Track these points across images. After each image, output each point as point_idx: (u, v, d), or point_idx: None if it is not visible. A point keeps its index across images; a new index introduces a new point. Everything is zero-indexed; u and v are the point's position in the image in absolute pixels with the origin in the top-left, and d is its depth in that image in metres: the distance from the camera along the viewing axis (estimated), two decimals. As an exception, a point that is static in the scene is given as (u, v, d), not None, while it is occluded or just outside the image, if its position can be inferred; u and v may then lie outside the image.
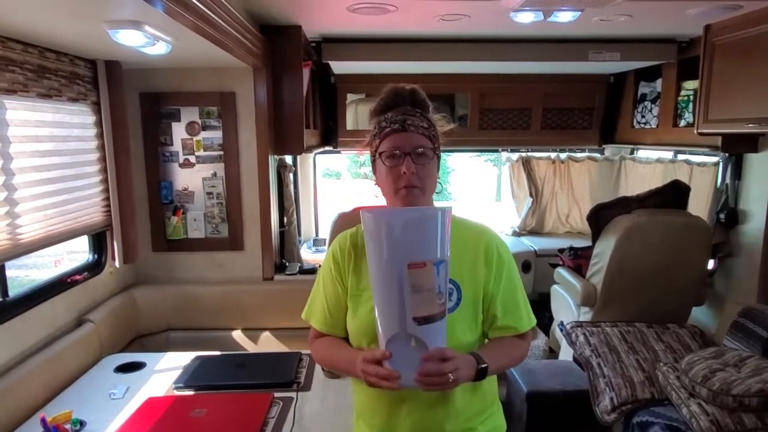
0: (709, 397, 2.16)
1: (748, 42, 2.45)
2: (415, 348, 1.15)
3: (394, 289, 1.14)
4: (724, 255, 3.02)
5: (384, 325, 1.18)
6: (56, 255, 6.03)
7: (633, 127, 3.92)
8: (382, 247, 1.15)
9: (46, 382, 2.15)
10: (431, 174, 1.32)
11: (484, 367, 1.24)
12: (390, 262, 1.14)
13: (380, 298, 1.18)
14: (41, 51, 2.19)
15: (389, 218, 1.15)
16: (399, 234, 1.14)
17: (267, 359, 2.48)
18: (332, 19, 2.78)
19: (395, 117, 1.32)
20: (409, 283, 1.13)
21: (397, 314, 1.15)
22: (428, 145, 1.31)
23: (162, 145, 3.08)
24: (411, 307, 1.13)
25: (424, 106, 1.37)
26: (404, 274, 1.13)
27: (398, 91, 1.36)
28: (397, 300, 1.14)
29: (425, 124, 1.32)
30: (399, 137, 1.30)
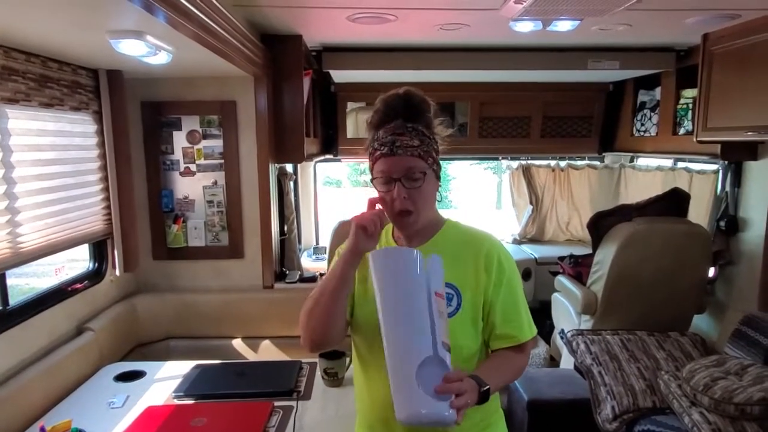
0: (710, 406, 2.15)
1: (746, 51, 2.47)
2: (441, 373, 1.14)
3: (426, 312, 1.17)
4: (725, 263, 3.02)
5: (415, 349, 1.15)
6: (57, 264, 6.03)
7: (632, 135, 3.93)
8: (412, 273, 1.19)
9: (46, 391, 2.14)
10: (425, 194, 1.30)
11: (487, 389, 1.22)
12: (422, 287, 1.18)
13: (411, 321, 1.17)
14: (44, 60, 2.21)
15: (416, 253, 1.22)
16: (427, 265, 1.21)
17: (267, 368, 2.47)
18: (332, 28, 2.80)
19: (385, 138, 1.27)
20: (436, 309, 1.18)
21: (430, 336, 1.15)
22: (419, 166, 1.27)
23: (163, 153, 3.09)
24: (441, 331, 1.17)
25: (419, 111, 1.31)
26: (433, 299, 1.18)
27: (390, 102, 1.31)
28: (429, 323, 1.16)
29: (416, 141, 1.27)
30: (388, 161, 1.26)
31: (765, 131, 2.36)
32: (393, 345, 1.17)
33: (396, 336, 1.18)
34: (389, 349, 1.17)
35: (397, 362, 1.16)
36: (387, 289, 1.20)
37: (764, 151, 2.77)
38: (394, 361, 1.16)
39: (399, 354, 1.16)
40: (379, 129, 1.31)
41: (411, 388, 1.11)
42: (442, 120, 1.38)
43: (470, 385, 1.18)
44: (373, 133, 1.32)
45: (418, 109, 1.31)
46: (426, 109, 1.33)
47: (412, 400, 1.11)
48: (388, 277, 1.21)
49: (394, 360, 1.16)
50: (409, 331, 1.17)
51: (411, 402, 1.11)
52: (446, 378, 1.12)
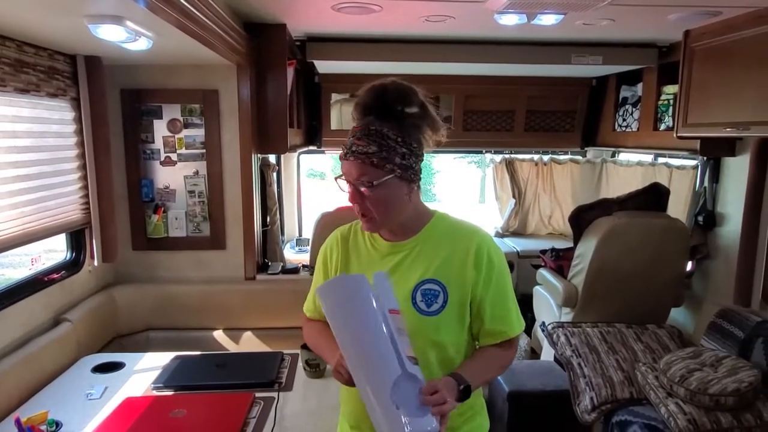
0: (686, 397, 2.19)
1: (727, 48, 2.50)
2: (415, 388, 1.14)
3: (384, 335, 1.15)
4: (702, 257, 3.07)
5: (382, 373, 1.14)
6: (33, 254, 5.93)
7: (614, 131, 3.97)
8: (362, 301, 1.18)
9: (21, 383, 2.11)
10: (381, 200, 1.26)
11: (467, 387, 1.23)
12: (373, 311, 1.17)
13: (374, 346, 1.16)
14: (19, 45, 2.15)
15: (358, 278, 1.21)
16: (376, 286, 1.20)
17: (248, 359, 2.46)
18: (317, 17, 2.77)
19: (348, 139, 1.26)
20: (394, 326, 1.17)
21: (395, 356, 1.14)
22: (370, 174, 1.22)
23: (143, 142, 3.04)
24: (403, 347, 1.16)
25: (393, 108, 1.25)
26: (389, 318, 1.17)
27: (364, 99, 1.27)
28: (391, 343, 1.15)
29: (373, 147, 1.21)
30: (343, 165, 1.27)
31: (743, 127, 2.40)
32: (362, 377, 1.16)
33: (361, 368, 1.17)
34: (358, 381, 1.17)
35: (370, 393, 1.14)
36: (340, 323, 1.20)
37: (742, 148, 2.82)
38: (366, 393, 1.15)
39: (369, 385, 1.15)
40: (356, 121, 1.30)
41: (390, 414, 1.11)
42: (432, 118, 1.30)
43: (448, 389, 1.18)
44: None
45: (391, 107, 1.25)
46: (407, 103, 1.26)
47: (395, 426, 1.10)
48: (338, 311, 1.20)
49: (366, 392, 1.15)
50: (374, 360, 1.16)
51: (395, 428, 1.10)
52: (423, 392, 1.13)
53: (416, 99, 1.28)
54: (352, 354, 1.18)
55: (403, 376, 1.13)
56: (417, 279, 1.31)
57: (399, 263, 1.34)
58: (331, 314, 1.21)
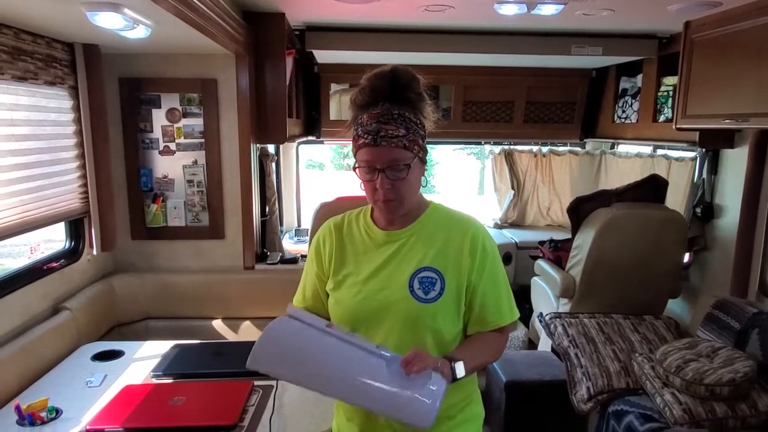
0: (682, 387, 2.21)
1: (726, 39, 2.49)
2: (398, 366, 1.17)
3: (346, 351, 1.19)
4: (700, 248, 3.08)
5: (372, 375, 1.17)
6: (32, 243, 5.92)
7: (614, 122, 3.97)
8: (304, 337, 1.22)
9: (21, 370, 2.11)
10: (410, 184, 1.28)
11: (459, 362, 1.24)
12: (322, 335, 1.22)
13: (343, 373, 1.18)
14: (16, 32, 2.14)
15: (283, 322, 1.26)
16: (298, 317, 1.26)
17: (247, 348, 2.41)
18: (316, 6, 2.76)
19: (369, 126, 1.23)
20: (341, 335, 1.21)
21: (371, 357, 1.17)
22: (405, 157, 1.24)
23: (141, 131, 3.04)
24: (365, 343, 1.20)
25: (406, 92, 1.27)
26: (334, 332, 1.22)
27: (376, 84, 1.26)
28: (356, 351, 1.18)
29: (402, 130, 1.23)
30: (372, 152, 1.23)
31: (742, 119, 2.40)
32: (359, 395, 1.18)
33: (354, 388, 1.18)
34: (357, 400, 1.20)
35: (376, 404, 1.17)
36: (299, 371, 1.22)
37: (741, 140, 2.82)
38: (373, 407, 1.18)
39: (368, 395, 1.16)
40: (363, 110, 1.27)
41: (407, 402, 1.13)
42: (432, 101, 1.34)
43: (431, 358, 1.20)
44: (357, 115, 1.28)
45: (405, 91, 1.27)
46: (414, 89, 1.28)
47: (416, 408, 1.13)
48: (285, 366, 1.24)
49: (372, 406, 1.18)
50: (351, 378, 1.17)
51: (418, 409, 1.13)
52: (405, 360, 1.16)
53: (419, 82, 1.30)
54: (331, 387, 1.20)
55: (392, 360, 1.16)
56: (414, 267, 1.32)
57: (396, 252, 1.35)
58: (282, 371, 1.24)
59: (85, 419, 1.82)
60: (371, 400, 1.16)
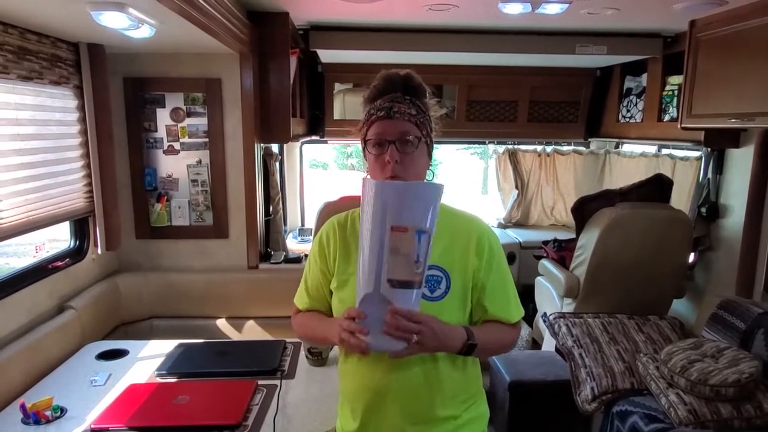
0: (687, 387, 2.20)
1: (732, 38, 2.48)
2: (382, 309, 1.18)
3: (374, 249, 1.17)
4: (705, 248, 3.07)
5: (360, 284, 1.21)
6: (37, 242, 5.95)
7: (618, 122, 3.95)
8: (371, 208, 1.18)
9: (26, 369, 2.12)
10: (417, 161, 1.30)
11: (473, 344, 1.26)
12: (375, 223, 1.17)
13: (362, 257, 1.21)
14: (22, 32, 2.15)
15: (384, 184, 1.22)
16: (388, 197, 1.17)
17: (251, 347, 2.47)
18: (320, 6, 2.76)
19: (383, 104, 1.30)
20: (389, 245, 1.16)
21: (374, 274, 1.17)
22: (414, 132, 1.29)
23: (146, 131, 3.04)
24: (387, 268, 1.17)
25: (418, 92, 1.34)
26: (386, 235, 1.16)
27: (391, 78, 1.33)
28: (376, 260, 1.17)
29: (413, 110, 1.30)
30: (384, 124, 1.28)
31: (748, 119, 2.38)
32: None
33: (357, 272, 1.24)
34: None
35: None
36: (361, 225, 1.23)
37: (746, 139, 2.81)
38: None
39: (356, 290, 1.22)
40: (376, 100, 1.33)
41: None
42: (438, 101, 1.40)
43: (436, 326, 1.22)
44: (370, 105, 1.34)
45: (416, 90, 1.34)
46: (423, 93, 1.36)
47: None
48: (363, 209, 1.22)
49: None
50: (359, 267, 1.22)
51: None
52: (391, 311, 1.16)
53: (426, 88, 1.38)
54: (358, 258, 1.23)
55: (373, 295, 1.18)
56: None
57: None
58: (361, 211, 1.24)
59: (90, 418, 1.83)
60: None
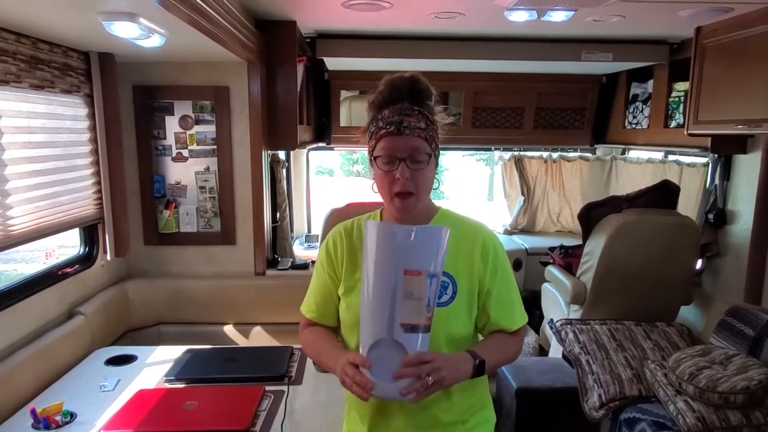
0: (695, 395, 2.19)
1: (738, 44, 2.48)
2: (397, 356, 1.15)
3: (387, 293, 1.16)
4: (712, 255, 3.05)
5: (370, 329, 1.18)
6: (46, 249, 6.00)
7: (624, 128, 3.95)
8: (382, 252, 1.18)
9: (37, 374, 2.14)
10: (427, 177, 1.29)
11: (482, 362, 1.25)
12: (385, 266, 1.17)
13: (371, 301, 1.19)
14: (34, 42, 2.18)
15: (393, 226, 1.21)
16: (400, 240, 1.18)
17: (258, 353, 2.49)
18: (327, 14, 2.78)
19: (391, 117, 1.26)
20: (402, 289, 1.15)
21: (386, 318, 1.16)
22: (425, 149, 1.27)
23: (155, 138, 3.08)
24: (401, 312, 1.16)
25: (425, 96, 1.31)
26: (400, 278, 1.16)
27: (396, 84, 1.30)
28: (389, 304, 1.16)
29: (423, 124, 1.27)
30: (394, 140, 1.25)
31: (754, 124, 2.38)
32: (360, 323, 1.21)
33: (361, 315, 1.21)
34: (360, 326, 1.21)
35: (360, 341, 1.20)
36: (364, 266, 1.22)
37: (753, 145, 2.80)
38: (360, 340, 1.20)
39: (361, 333, 1.20)
40: (382, 110, 1.30)
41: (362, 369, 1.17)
42: (444, 108, 1.37)
43: (452, 361, 1.21)
44: (376, 113, 1.31)
45: (422, 95, 1.31)
46: (429, 96, 1.33)
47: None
48: (366, 253, 1.22)
49: (360, 338, 1.20)
50: (366, 312, 1.20)
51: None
52: (404, 362, 1.15)
53: (432, 91, 1.34)
54: (361, 301, 1.21)
55: (386, 341, 1.16)
56: None
57: None
58: (364, 252, 1.23)
59: (99, 423, 1.85)
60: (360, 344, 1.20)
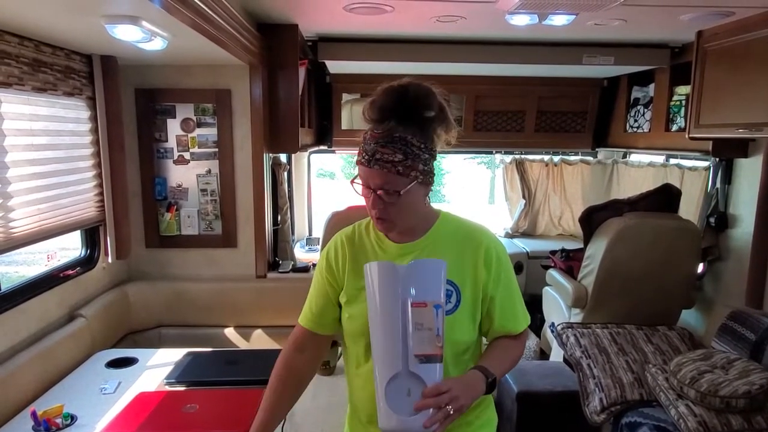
0: (696, 399, 2.18)
1: (740, 48, 2.49)
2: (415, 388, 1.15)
3: (397, 326, 1.17)
4: (714, 258, 3.05)
5: (385, 364, 1.18)
6: (48, 251, 6.00)
7: (626, 131, 3.95)
8: (386, 287, 1.20)
9: (37, 377, 2.14)
10: (401, 208, 1.25)
11: (494, 379, 1.25)
12: (395, 301, 1.18)
13: (382, 337, 1.19)
14: (37, 45, 2.19)
15: (393, 265, 1.23)
16: (404, 274, 1.20)
17: (259, 356, 2.48)
18: (329, 18, 2.79)
19: (368, 144, 1.21)
20: (412, 321, 1.17)
21: (400, 351, 1.16)
22: (396, 183, 1.21)
23: (156, 141, 3.08)
24: (414, 343, 1.16)
25: (415, 110, 1.22)
26: (408, 310, 1.17)
27: (384, 102, 1.22)
28: (401, 337, 1.17)
29: (399, 155, 1.19)
30: (366, 172, 1.22)
31: (756, 128, 2.38)
32: (374, 360, 1.20)
33: (374, 352, 1.21)
34: (373, 362, 1.21)
35: (375, 376, 1.19)
36: (369, 305, 1.23)
37: (755, 149, 2.80)
38: (375, 375, 1.19)
39: (376, 369, 1.19)
40: (372, 124, 1.24)
41: (380, 405, 1.16)
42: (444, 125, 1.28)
43: (466, 385, 1.20)
44: (364, 129, 1.26)
45: (413, 108, 1.21)
46: (427, 106, 1.23)
47: (381, 416, 1.16)
48: (369, 293, 1.22)
49: (374, 374, 1.19)
50: (379, 348, 1.19)
51: (381, 417, 1.16)
52: (423, 394, 1.14)
53: (435, 101, 1.25)
54: (372, 338, 1.21)
55: (402, 374, 1.16)
56: None
57: None
58: (367, 293, 1.23)
59: (100, 426, 1.85)
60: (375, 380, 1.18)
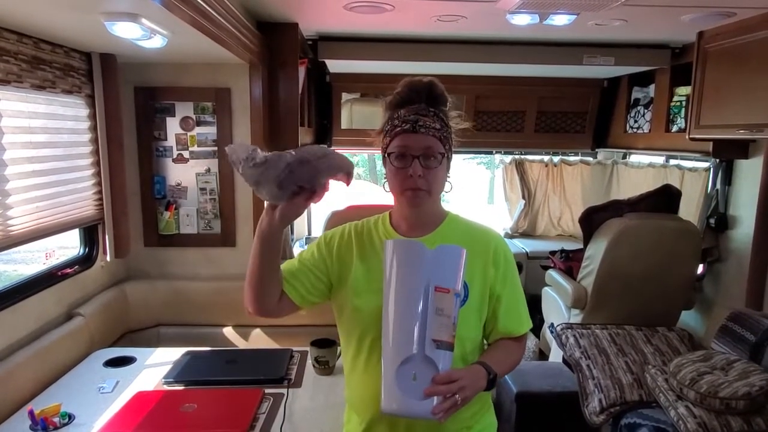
0: (696, 400, 2.18)
1: (741, 49, 2.48)
2: (427, 373, 1.15)
3: (417, 307, 1.17)
4: (714, 260, 3.05)
5: (399, 344, 1.17)
6: (46, 249, 5.99)
7: (626, 132, 3.96)
8: (410, 267, 1.19)
9: (35, 375, 2.13)
10: (439, 177, 1.30)
11: (495, 376, 1.27)
12: (418, 281, 1.18)
13: (400, 317, 1.19)
14: (36, 42, 2.18)
15: (419, 243, 1.23)
16: (430, 257, 1.20)
17: (258, 355, 2.48)
18: (329, 17, 2.78)
19: (407, 116, 1.28)
20: (434, 305, 1.16)
21: (418, 334, 1.16)
22: (438, 148, 1.28)
23: (156, 139, 3.07)
24: (434, 328, 1.16)
25: (441, 101, 1.33)
26: (431, 294, 1.17)
27: (414, 86, 1.32)
28: (419, 319, 1.16)
29: (438, 125, 1.29)
30: (409, 138, 1.27)
31: (756, 129, 2.38)
32: (384, 339, 1.19)
33: (386, 330, 1.20)
34: (383, 341, 1.20)
35: (385, 356, 1.18)
36: (388, 282, 1.21)
37: (755, 150, 2.80)
38: (383, 355, 1.19)
39: (387, 348, 1.18)
40: (398, 109, 1.31)
41: (390, 383, 1.15)
42: (459, 113, 1.39)
43: (474, 379, 1.21)
44: (392, 113, 1.33)
45: (439, 99, 1.33)
46: (445, 101, 1.35)
47: (388, 395, 1.15)
48: (390, 269, 1.21)
49: (383, 353, 1.19)
50: (396, 328, 1.18)
51: (387, 396, 1.15)
52: (433, 380, 1.14)
53: (447, 98, 1.36)
54: (387, 314, 1.20)
55: (416, 357, 1.15)
56: None
57: None
58: (386, 268, 1.22)
59: (98, 425, 1.83)
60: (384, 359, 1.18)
